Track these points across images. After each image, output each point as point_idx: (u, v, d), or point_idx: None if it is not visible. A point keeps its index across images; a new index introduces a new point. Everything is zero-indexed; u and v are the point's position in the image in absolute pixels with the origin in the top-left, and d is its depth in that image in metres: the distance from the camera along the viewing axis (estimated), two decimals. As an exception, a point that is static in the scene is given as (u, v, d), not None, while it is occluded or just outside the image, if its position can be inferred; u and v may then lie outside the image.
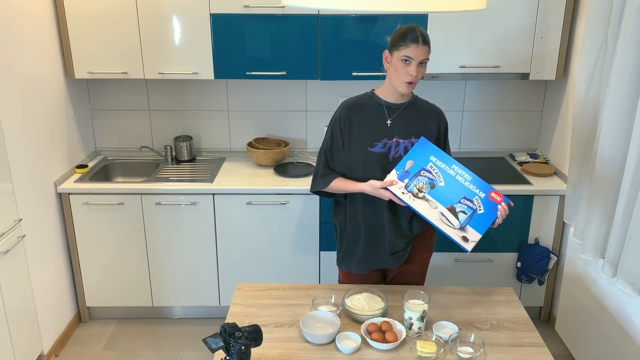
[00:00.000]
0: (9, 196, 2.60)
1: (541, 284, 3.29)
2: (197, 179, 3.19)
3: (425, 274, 2.47)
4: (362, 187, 2.15)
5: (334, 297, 2.15)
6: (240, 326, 1.64)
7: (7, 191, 2.58)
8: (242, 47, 3.09)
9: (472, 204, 2.06)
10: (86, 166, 3.33)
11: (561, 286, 3.15)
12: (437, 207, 2.06)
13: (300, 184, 3.12)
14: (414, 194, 2.08)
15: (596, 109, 2.68)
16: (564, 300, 3.12)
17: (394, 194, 2.08)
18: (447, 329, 2.00)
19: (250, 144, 3.47)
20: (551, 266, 3.21)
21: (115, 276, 3.27)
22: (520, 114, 3.58)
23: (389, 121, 2.20)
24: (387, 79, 2.19)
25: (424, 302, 2.02)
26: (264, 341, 1.90)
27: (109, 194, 3.09)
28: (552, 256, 3.19)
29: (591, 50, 2.64)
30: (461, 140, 3.63)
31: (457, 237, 2.05)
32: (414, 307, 1.97)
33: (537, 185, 3.13)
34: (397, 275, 2.41)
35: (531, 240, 3.20)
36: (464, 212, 2.05)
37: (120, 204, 3.12)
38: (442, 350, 1.88)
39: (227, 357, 1.60)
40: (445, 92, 3.52)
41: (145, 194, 3.11)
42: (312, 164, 3.40)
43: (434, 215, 2.06)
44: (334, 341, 1.94)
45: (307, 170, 3.32)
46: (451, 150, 3.59)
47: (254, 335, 1.64)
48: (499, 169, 3.40)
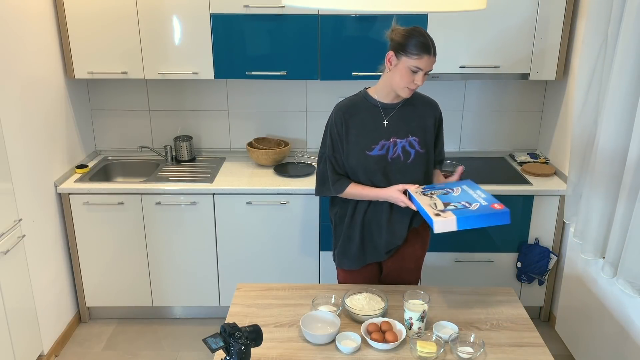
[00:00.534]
0: (9, 196, 2.60)
1: (541, 284, 3.29)
2: (197, 179, 3.19)
3: (420, 270, 2.46)
4: (385, 195, 2.13)
5: (334, 297, 2.15)
6: (240, 326, 1.64)
7: (7, 191, 2.58)
8: (242, 47, 3.09)
9: (467, 205, 2.02)
10: (86, 166, 3.33)
11: (561, 286, 3.15)
12: (436, 202, 2.03)
13: (300, 184, 3.12)
14: (424, 194, 2.08)
15: (596, 109, 2.68)
16: (564, 300, 3.12)
17: (411, 198, 2.07)
18: (447, 329, 2.00)
19: (250, 144, 3.47)
20: (551, 266, 3.21)
21: (115, 276, 3.27)
22: (520, 114, 3.57)
23: (386, 122, 2.17)
24: (386, 80, 2.12)
25: (424, 302, 2.01)
26: (264, 341, 1.90)
27: (109, 194, 3.09)
28: (552, 256, 3.19)
29: (591, 50, 2.64)
30: (461, 140, 3.63)
31: (431, 212, 1.96)
32: (414, 307, 1.97)
33: (537, 185, 3.13)
34: (391, 271, 2.41)
35: (531, 240, 3.20)
36: (456, 207, 2.01)
37: (120, 204, 3.12)
38: (442, 350, 1.87)
39: (227, 357, 1.60)
40: (445, 92, 3.51)
41: (145, 194, 3.11)
42: (312, 164, 3.39)
43: (425, 201, 2.03)
44: (334, 341, 1.94)
45: (307, 170, 3.32)
46: (451, 150, 3.65)
47: (254, 335, 1.64)
48: (499, 169, 3.40)
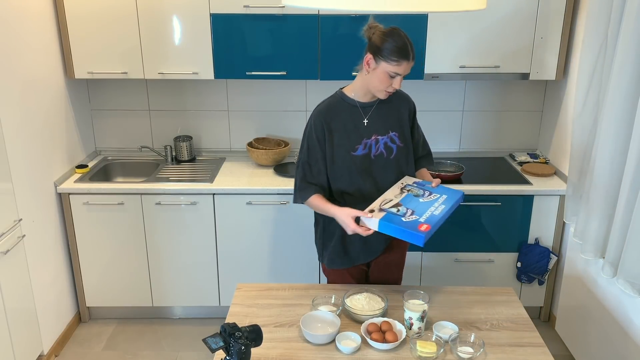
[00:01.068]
0: (9, 196, 2.60)
1: (541, 284, 3.29)
2: (197, 179, 3.19)
3: (403, 265, 2.47)
4: (336, 215, 2.09)
5: (334, 297, 2.15)
6: (240, 326, 1.64)
7: (7, 191, 2.58)
8: (242, 47, 3.09)
9: (411, 214, 1.99)
10: (86, 166, 3.33)
11: (561, 286, 3.15)
12: (399, 207, 2.03)
13: (300, 184, 3.12)
14: (406, 189, 2.11)
15: (596, 109, 2.68)
16: (564, 300, 3.12)
17: (365, 224, 2.01)
18: (447, 329, 2.00)
19: (250, 144, 3.46)
20: (551, 266, 3.21)
21: (115, 276, 3.27)
22: (520, 114, 3.57)
23: (366, 120, 2.19)
24: (363, 82, 2.13)
25: (424, 302, 2.01)
26: (264, 341, 1.90)
27: (109, 194, 3.09)
28: (552, 256, 3.19)
29: (591, 50, 2.64)
30: (461, 140, 3.63)
31: (370, 209, 2.00)
32: (414, 307, 1.97)
33: (537, 185, 3.13)
34: (379, 264, 2.39)
35: (531, 240, 3.20)
36: (397, 212, 1.99)
37: (120, 204, 3.11)
38: (442, 350, 1.87)
39: (227, 357, 1.60)
40: (445, 92, 3.51)
41: (145, 194, 3.11)
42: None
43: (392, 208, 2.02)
44: (334, 341, 1.94)
45: (307, 170, 3.32)
46: (451, 150, 3.65)
47: (254, 335, 1.64)
48: (499, 169, 3.40)
